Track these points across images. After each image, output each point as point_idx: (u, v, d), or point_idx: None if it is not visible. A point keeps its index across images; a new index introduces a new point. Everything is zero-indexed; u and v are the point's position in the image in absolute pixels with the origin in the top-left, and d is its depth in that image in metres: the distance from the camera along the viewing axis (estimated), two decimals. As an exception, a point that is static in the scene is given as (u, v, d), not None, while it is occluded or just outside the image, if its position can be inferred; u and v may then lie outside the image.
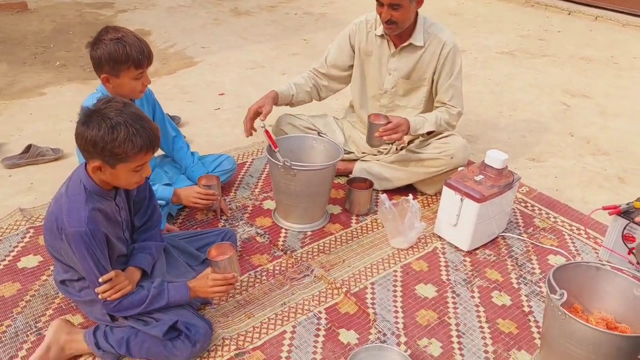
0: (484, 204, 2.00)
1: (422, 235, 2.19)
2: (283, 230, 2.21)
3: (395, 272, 2.01)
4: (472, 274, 2.02)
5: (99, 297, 1.50)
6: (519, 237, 2.25)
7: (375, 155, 2.51)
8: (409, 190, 2.42)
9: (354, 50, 2.42)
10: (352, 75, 2.48)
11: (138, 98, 1.94)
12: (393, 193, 2.43)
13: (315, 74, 2.48)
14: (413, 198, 2.11)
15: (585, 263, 1.63)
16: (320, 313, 1.80)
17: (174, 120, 2.80)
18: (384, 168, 2.44)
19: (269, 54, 4.29)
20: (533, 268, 2.08)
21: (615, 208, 2.03)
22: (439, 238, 2.20)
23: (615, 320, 1.59)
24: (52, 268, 1.86)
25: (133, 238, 1.70)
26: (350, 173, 2.50)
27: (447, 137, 2.35)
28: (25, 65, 3.80)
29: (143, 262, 1.63)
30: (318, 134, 2.33)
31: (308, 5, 5.74)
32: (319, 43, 4.54)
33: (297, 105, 2.48)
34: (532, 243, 2.21)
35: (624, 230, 2.00)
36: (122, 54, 1.76)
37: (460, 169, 2.17)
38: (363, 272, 2.00)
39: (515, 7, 6.13)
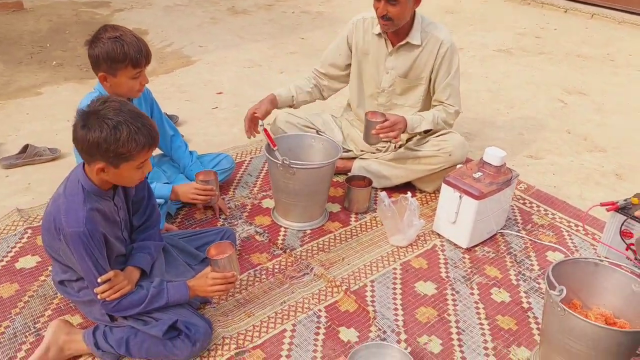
0: (483, 201, 2.01)
1: (421, 233, 2.20)
2: (282, 229, 2.21)
3: (395, 269, 2.02)
4: (471, 271, 2.03)
5: (98, 297, 1.49)
6: (518, 234, 2.25)
7: (374, 153, 2.51)
8: (408, 188, 2.41)
9: (351, 50, 2.42)
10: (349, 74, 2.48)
11: (136, 97, 1.93)
12: (392, 191, 2.43)
13: (317, 74, 2.49)
14: (412, 196, 2.12)
15: (584, 259, 1.63)
16: (320, 311, 1.80)
17: (172, 120, 2.79)
18: (383, 166, 2.44)
19: (267, 53, 4.29)
20: (532, 264, 2.08)
21: (613, 204, 2.04)
22: (438, 235, 2.21)
23: (614, 316, 1.60)
24: (50, 268, 1.86)
25: (132, 238, 1.70)
26: (349, 171, 2.50)
27: (445, 134, 2.35)
28: (22, 65, 3.78)
29: (142, 261, 1.63)
30: (317, 133, 2.33)
31: (305, 4, 5.74)
32: (317, 42, 4.54)
33: (299, 107, 2.49)
34: (530, 240, 2.22)
35: (622, 226, 2.01)
36: (120, 53, 1.75)
37: (459, 167, 2.17)
38: (362, 270, 2.00)
39: (512, 5, 6.14)
